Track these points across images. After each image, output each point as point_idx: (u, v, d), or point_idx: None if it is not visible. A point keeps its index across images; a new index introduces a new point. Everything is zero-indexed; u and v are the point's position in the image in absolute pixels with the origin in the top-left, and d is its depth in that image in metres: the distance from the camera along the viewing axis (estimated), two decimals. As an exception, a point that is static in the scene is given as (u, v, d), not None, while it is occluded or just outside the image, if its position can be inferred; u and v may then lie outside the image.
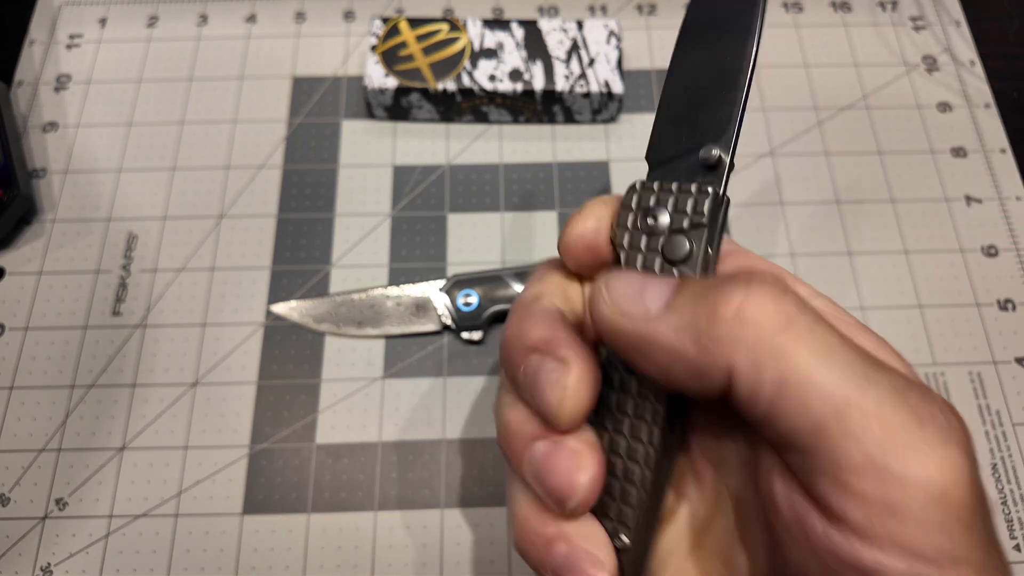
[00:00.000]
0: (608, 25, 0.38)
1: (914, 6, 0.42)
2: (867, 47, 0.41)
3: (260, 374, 0.33)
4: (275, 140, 0.38)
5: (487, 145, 0.38)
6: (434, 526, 0.30)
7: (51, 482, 0.31)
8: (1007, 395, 0.33)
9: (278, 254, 0.36)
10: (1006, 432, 0.32)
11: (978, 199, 0.37)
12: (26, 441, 0.32)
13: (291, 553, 0.30)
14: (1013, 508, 0.31)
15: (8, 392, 0.33)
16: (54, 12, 0.42)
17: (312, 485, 0.31)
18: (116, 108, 0.39)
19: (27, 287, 0.35)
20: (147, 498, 0.31)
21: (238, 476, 0.31)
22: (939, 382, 0.33)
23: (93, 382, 0.33)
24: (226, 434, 0.32)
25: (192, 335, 0.34)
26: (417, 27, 0.38)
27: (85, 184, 0.37)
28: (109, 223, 0.36)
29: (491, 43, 0.38)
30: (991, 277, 0.35)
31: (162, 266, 0.35)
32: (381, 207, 0.37)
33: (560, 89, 0.37)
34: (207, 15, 0.42)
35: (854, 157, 0.38)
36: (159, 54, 0.41)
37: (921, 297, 0.35)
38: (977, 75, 0.40)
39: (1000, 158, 0.38)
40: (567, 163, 0.38)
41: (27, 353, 0.34)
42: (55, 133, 0.39)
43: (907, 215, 0.37)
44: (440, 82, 0.37)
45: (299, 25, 0.42)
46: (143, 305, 0.35)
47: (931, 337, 0.34)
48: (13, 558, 0.30)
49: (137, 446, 0.32)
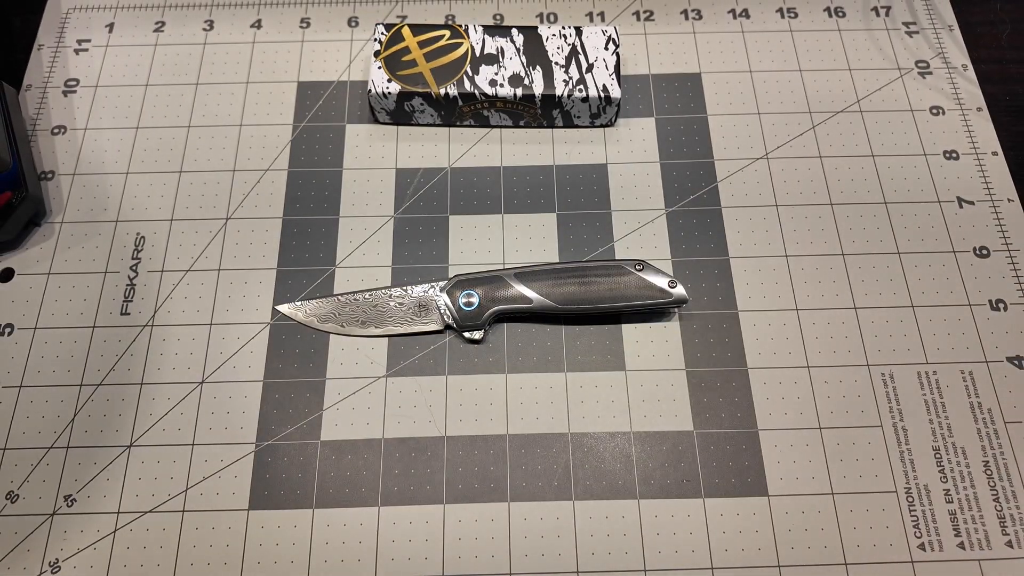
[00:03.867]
0: (606, 31, 0.39)
1: (907, 11, 0.43)
2: (861, 52, 0.42)
3: (266, 373, 0.34)
4: (280, 143, 0.39)
5: (488, 148, 0.39)
6: (436, 521, 0.31)
7: (60, 479, 0.32)
8: (999, 393, 0.33)
9: (284, 255, 0.36)
10: (998, 430, 0.32)
11: (970, 201, 0.38)
12: (35, 439, 0.32)
13: (296, 548, 0.31)
14: (1005, 505, 0.31)
15: (17, 390, 0.33)
16: (62, 17, 0.43)
17: (317, 481, 0.32)
18: (124, 112, 0.40)
19: (36, 287, 0.36)
20: (154, 494, 0.31)
21: (244, 472, 0.32)
22: (932, 381, 0.34)
23: (101, 381, 0.34)
24: (232, 431, 0.33)
25: (199, 334, 0.34)
26: (419, 33, 0.39)
27: (93, 186, 0.38)
28: (117, 224, 0.37)
29: (492, 49, 0.38)
30: (983, 277, 0.36)
31: (169, 267, 0.36)
32: (384, 209, 0.37)
33: (559, 94, 0.37)
34: (213, 21, 0.43)
35: (848, 160, 0.39)
36: (166, 59, 0.41)
37: (914, 297, 0.35)
38: (969, 79, 0.41)
39: (992, 160, 0.39)
40: (566, 166, 0.39)
41: (36, 352, 0.34)
42: (63, 136, 0.39)
43: (900, 217, 0.37)
44: (442, 87, 0.37)
45: (304, 31, 0.42)
46: (151, 305, 0.35)
47: (924, 337, 0.34)
48: (22, 554, 0.30)
49: (145, 443, 0.32)
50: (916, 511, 0.31)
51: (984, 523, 0.31)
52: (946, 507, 0.31)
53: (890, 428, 0.33)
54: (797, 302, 0.35)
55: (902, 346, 0.34)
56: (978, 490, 0.31)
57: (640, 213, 0.37)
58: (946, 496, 0.31)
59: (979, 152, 0.39)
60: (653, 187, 0.38)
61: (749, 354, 0.34)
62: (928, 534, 0.31)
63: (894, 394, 0.33)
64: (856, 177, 0.38)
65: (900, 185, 0.38)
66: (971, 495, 0.31)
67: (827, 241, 0.37)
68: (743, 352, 0.34)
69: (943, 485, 0.32)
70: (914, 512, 0.31)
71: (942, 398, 0.33)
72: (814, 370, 0.34)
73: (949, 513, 0.31)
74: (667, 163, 0.39)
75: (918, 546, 0.30)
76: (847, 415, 0.33)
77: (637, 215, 0.37)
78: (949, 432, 0.33)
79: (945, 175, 0.38)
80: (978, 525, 0.31)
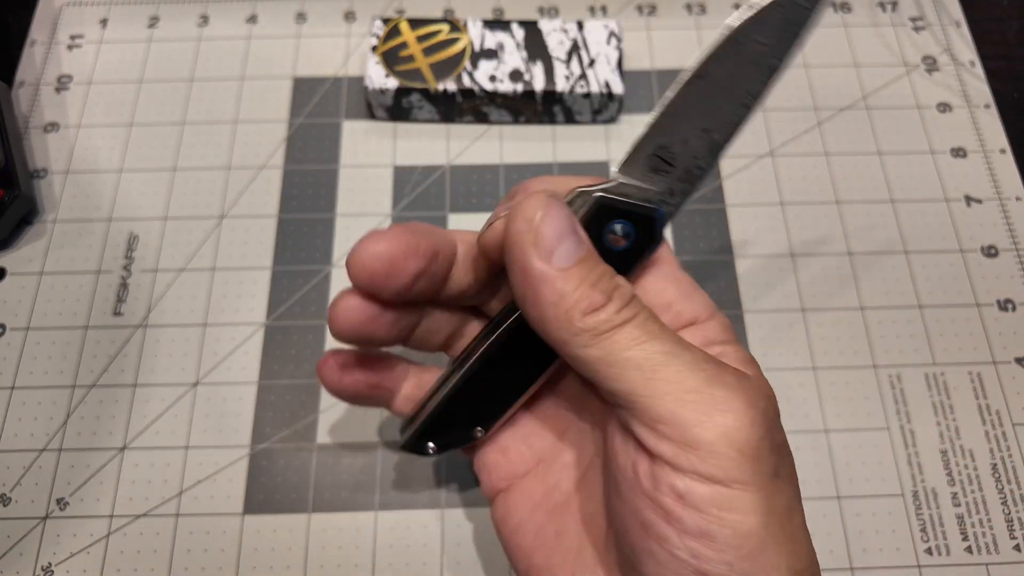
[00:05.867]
0: (608, 26, 0.38)
1: (914, 7, 0.42)
2: (867, 48, 0.41)
3: (261, 374, 0.33)
4: (276, 140, 0.39)
5: (487, 145, 0.38)
6: (434, 526, 0.30)
7: (52, 482, 0.31)
8: (1007, 395, 0.33)
9: (279, 254, 0.36)
10: (1006, 432, 0.32)
11: (978, 199, 0.37)
12: (27, 441, 0.32)
13: (292, 553, 0.30)
14: (1013, 508, 0.31)
15: (9, 392, 0.33)
16: (55, 13, 0.42)
17: (313, 485, 0.31)
18: (117, 109, 0.39)
19: (28, 287, 0.35)
20: (148, 498, 0.31)
21: (239, 476, 0.31)
22: (939, 382, 0.33)
23: (94, 382, 0.33)
24: (227, 434, 0.32)
25: (193, 335, 0.34)
26: (418, 28, 0.38)
27: (86, 184, 0.37)
28: (110, 223, 0.36)
29: (491, 44, 0.38)
30: (991, 277, 0.35)
31: (163, 266, 0.35)
32: (382, 207, 0.37)
33: (560, 90, 0.37)
34: (208, 16, 0.42)
35: (854, 157, 0.38)
36: (160, 55, 0.41)
37: (921, 297, 0.35)
38: (977, 76, 0.40)
39: (1000, 158, 0.38)
40: (567, 163, 0.38)
41: (28, 353, 0.34)
42: (56, 134, 0.39)
43: (907, 216, 0.37)
44: (441, 83, 0.37)
45: (300, 26, 0.42)
46: (144, 305, 0.35)
47: (931, 337, 0.34)
48: (14, 558, 0.30)
49: (138, 446, 0.32)
50: (923, 515, 0.31)
51: (992, 527, 0.30)
52: (953, 511, 0.31)
53: (897, 430, 0.32)
54: (802, 302, 0.35)
55: (909, 347, 0.34)
56: (986, 493, 0.31)
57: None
58: (954, 499, 0.31)
59: (987, 150, 0.38)
60: (655, 185, 0.37)
61: (754, 354, 0.33)
62: (935, 538, 0.30)
63: (901, 396, 0.33)
64: (862, 175, 0.37)
65: (907, 183, 0.37)
66: (979, 498, 0.31)
67: (833, 240, 0.36)
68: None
69: (951, 488, 0.31)
70: (921, 516, 0.31)
71: (950, 400, 0.33)
72: (820, 371, 0.33)
73: (957, 517, 0.31)
74: (670, 160, 0.38)
75: (925, 550, 0.30)
76: (853, 417, 0.32)
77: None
78: (957, 434, 0.32)
79: (952, 173, 0.38)
80: (986, 529, 0.30)
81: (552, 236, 0.20)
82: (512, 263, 0.20)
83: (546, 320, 0.20)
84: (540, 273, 0.19)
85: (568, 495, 0.23)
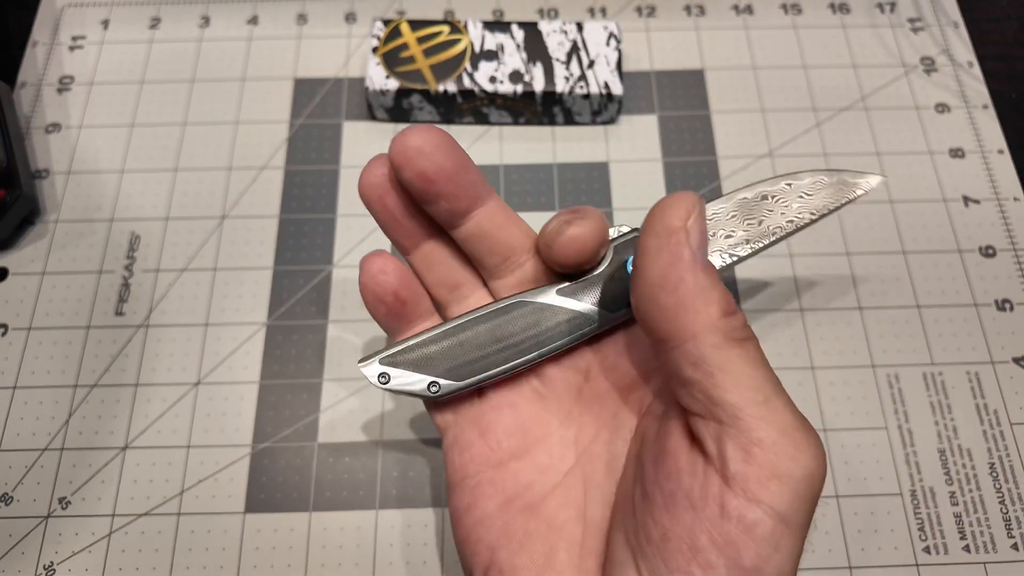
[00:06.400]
0: (608, 27, 0.38)
1: (912, 8, 0.42)
2: (865, 48, 0.41)
3: (262, 374, 0.33)
4: (277, 141, 0.39)
5: (488, 146, 0.39)
6: (435, 524, 0.31)
7: (54, 481, 0.31)
8: (1005, 395, 0.33)
9: (280, 254, 0.36)
10: (1003, 432, 0.32)
11: (976, 200, 0.37)
12: (29, 440, 0.32)
13: (293, 551, 0.30)
14: (1011, 507, 0.31)
15: (11, 392, 0.33)
16: (57, 14, 0.42)
17: (314, 484, 0.31)
18: (119, 109, 0.40)
19: (30, 287, 0.35)
20: (149, 497, 0.31)
21: (240, 475, 0.31)
22: (937, 382, 0.33)
23: (96, 382, 0.33)
24: (228, 433, 0.32)
25: (194, 335, 0.34)
26: (418, 29, 0.38)
27: (88, 185, 0.38)
28: (112, 223, 0.37)
29: (491, 45, 0.38)
30: (989, 277, 0.35)
31: (165, 266, 0.36)
32: (382, 208, 0.37)
33: (560, 90, 0.37)
34: (209, 17, 0.42)
35: (852, 158, 0.38)
36: (161, 56, 0.41)
37: (919, 297, 0.35)
38: (975, 76, 0.40)
39: (998, 159, 0.38)
40: (567, 164, 0.38)
41: (30, 353, 0.34)
42: (58, 134, 0.39)
43: (905, 216, 0.37)
44: (441, 84, 0.37)
45: (301, 27, 0.42)
46: (146, 305, 0.35)
47: (929, 337, 0.34)
48: (16, 557, 0.30)
49: (139, 445, 0.32)
50: (921, 513, 0.31)
51: (990, 526, 0.30)
52: (951, 509, 0.31)
53: (895, 430, 0.32)
54: (801, 302, 0.35)
55: (907, 347, 0.34)
56: (984, 492, 0.31)
57: (642, 212, 0.37)
58: (951, 498, 0.31)
59: (985, 150, 0.38)
60: (655, 185, 0.37)
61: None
62: (933, 537, 0.30)
63: (899, 395, 0.33)
64: (861, 175, 0.38)
65: (905, 183, 0.37)
66: (977, 497, 0.31)
67: (831, 240, 0.36)
68: (746, 353, 0.34)
69: (948, 487, 0.31)
70: (919, 515, 0.31)
71: (947, 399, 0.33)
72: (818, 371, 0.33)
73: (955, 516, 0.31)
74: (670, 161, 0.38)
75: (923, 549, 0.30)
76: (851, 416, 0.32)
77: (639, 214, 0.37)
78: (955, 434, 0.32)
79: (950, 173, 0.38)
80: (984, 528, 0.30)
81: (700, 234, 0.20)
82: (656, 250, 0.20)
83: (684, 307, 0.19)
84: (690, 261, 0.20)
85: (542, 498, 0.23)
